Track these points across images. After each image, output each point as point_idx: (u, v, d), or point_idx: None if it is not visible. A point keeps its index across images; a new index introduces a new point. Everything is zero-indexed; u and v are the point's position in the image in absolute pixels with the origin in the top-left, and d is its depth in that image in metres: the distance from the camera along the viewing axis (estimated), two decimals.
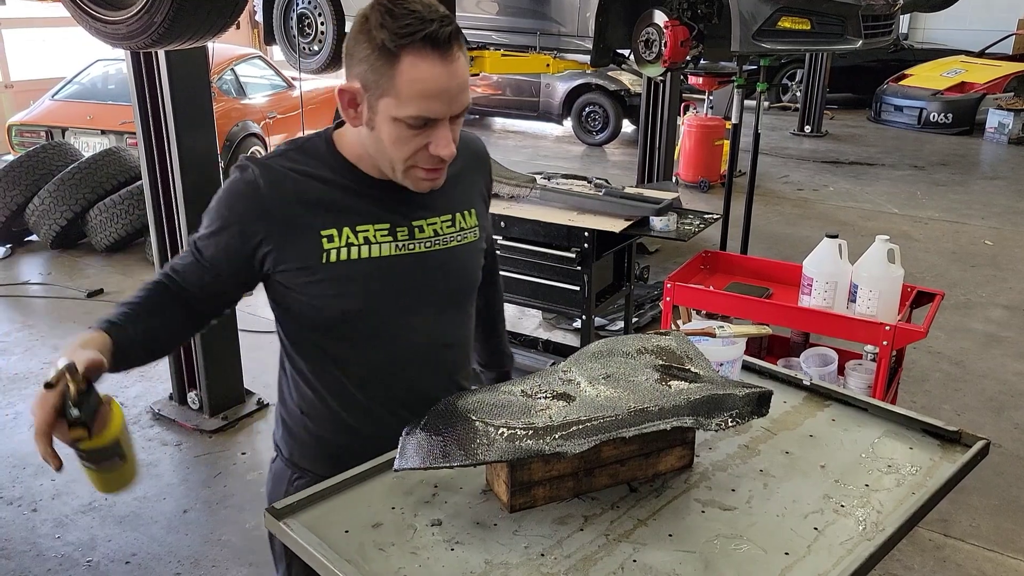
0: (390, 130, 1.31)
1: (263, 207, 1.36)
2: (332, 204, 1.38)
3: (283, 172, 1.38)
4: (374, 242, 1.39)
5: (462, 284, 1.53)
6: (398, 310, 1.44)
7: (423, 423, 1.33)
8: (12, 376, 4.41)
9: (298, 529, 1.28)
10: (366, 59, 1.27)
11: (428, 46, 1.24)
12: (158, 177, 3.63)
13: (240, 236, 1.37)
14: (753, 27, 4.22)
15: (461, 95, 1.31)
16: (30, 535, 3.15)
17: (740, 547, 1.25)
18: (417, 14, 1.24)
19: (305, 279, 1.39)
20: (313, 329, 1.45)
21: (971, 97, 11.34)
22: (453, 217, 1.48)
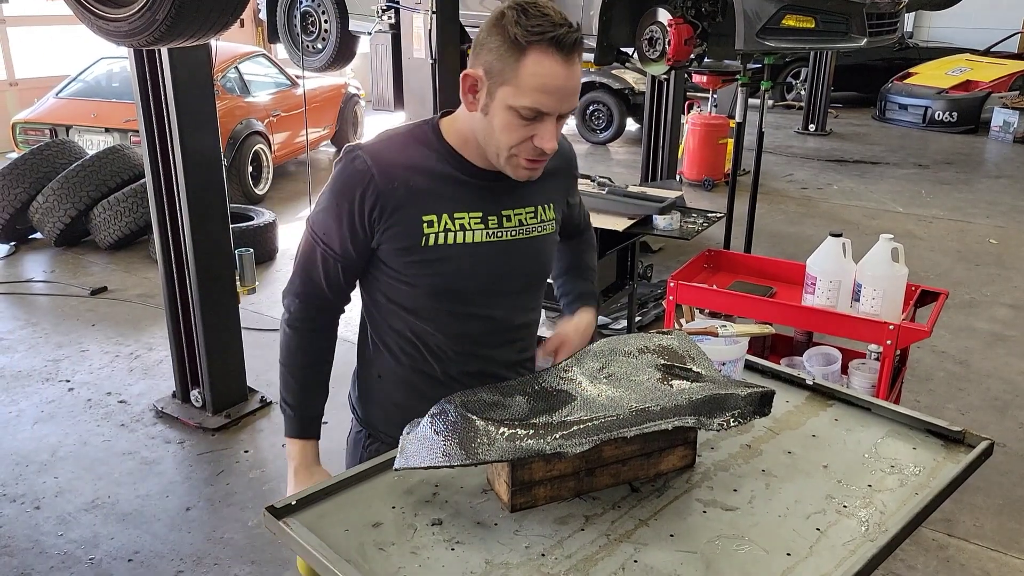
0: (503, 117, 1.40)
1: (376, 192, 1.47)
2: (433, 191, 1.49)
3: (392, 161, 1.49)
4: (468, 229, 1.51)
5: (538, 271, 1.64)
6: (481, 292, 1.55)
7: (424, 422, 1.33)
8: (15, 374, 4.42)
9: (298, 528, 1.27)
10: (495, 49, 1.38)
11: (554, 46, 1.35)
12: (161, 175, 3.63)
13: (359, 217, 1.48)
14: (757, 25, 4.21)
15: (572, 96, 1.42)
16: (33, 533, 3.15)
17: (742, 547, 1.24)
18: (549, 18, 1.36)
19: (404, 259, 1.51)
20: (401, 303, 1.57)
21: (976, 95, 11.30)
22: (536, 209, 1.59)
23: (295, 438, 1.64)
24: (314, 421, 1.65)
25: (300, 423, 1.64)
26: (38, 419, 3.97)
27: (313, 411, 1.65)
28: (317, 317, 1.61)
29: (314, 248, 1.55)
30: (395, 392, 1.64)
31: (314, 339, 1.62)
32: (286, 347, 1.63)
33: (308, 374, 1.63)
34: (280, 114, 8.07)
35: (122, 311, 5.26)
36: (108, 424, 3.92)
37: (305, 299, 1.59)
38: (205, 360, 3.84)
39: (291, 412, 1.64)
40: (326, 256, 1.54)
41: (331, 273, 1.55)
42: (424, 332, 1.57)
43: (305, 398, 1.64)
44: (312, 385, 1.64)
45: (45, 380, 4.35)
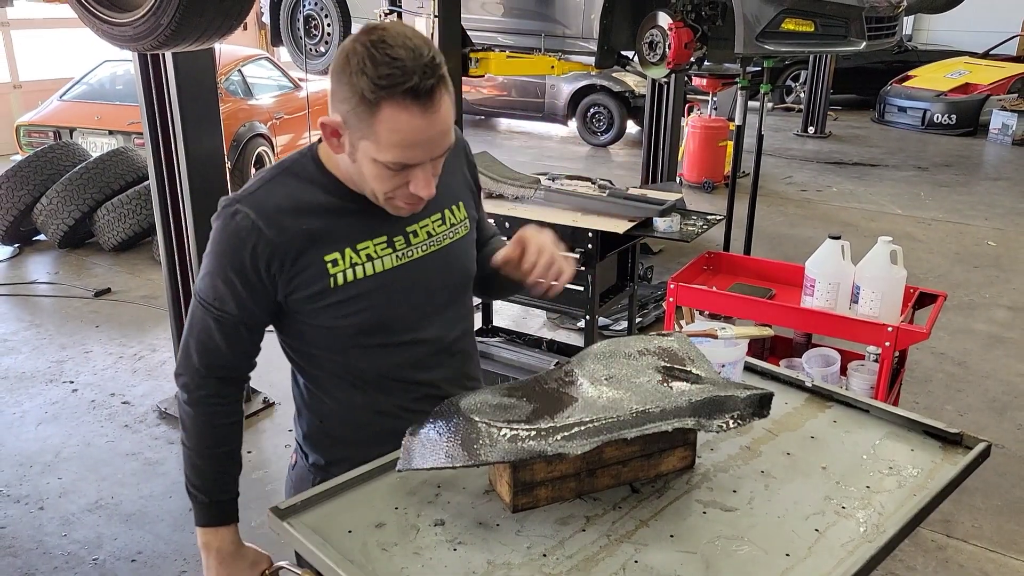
0: (370, 168, 1.32)
1: (270, 246, 1.36)
2: (330, 228, 1.39)
3: (277, 207, 1.38)
4: (376, 257, 1.42)
5: (461, 278, 1.56)
6: (407, 317, 1.47)
7: (426, 424, 1.35)
8: (19, 375, 4.44)
9: (302, 529, 1.29)
10: (347, 100, 1.26)
11: (409, 98, 1.23)
12: (165, 177, 3.65)
13: (257, 276, 1.38)
14: (757, 29, 4.23)
15: (443, 139, 1.31)
16: (37, 533, 3.17)
17: (741, 548, 1.26)
18: (399, 63, 1.22)
19: (316, 304, 1.41)
20: (327, 349, 1.48)
21: (975, 98, 11.32)
22: (443, 214, 1.51)
23: (213, 527, 1.50)
24: (232, 503, 1.52)
25: (218, 509, 1.50)
26: (42, 420, 3.99)
27: (230, 493, 1.52)
28: (221, 391, 1.47)
29: (206, 318, 1.42)
30: (342, 433, 1.55)
31: (222, 416, 1.48)
32: (190, 430, 1.47)
33: (220, 454, 1.49)
34: (283, 117, 8.09)
35: (126, 312, 5.28)
36: (112, 425, 3.94)
37: (206, 374, 1.45)
38: None
39: (205, 499, 1.49)
40: (223, 322, 1.41)
41: (233, 338, 1.43)
42: (359, 371, 1.48)
43: (220, 481, 1.50)
44: (226, 465, 1.51)
45: (49, 381, 4.37)
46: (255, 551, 1.56)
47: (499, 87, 11.24)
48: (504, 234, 3.75)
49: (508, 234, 3.80)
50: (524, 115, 11.69)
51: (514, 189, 3.93)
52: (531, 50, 5.16)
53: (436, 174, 1.36)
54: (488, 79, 10.87)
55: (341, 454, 1.54)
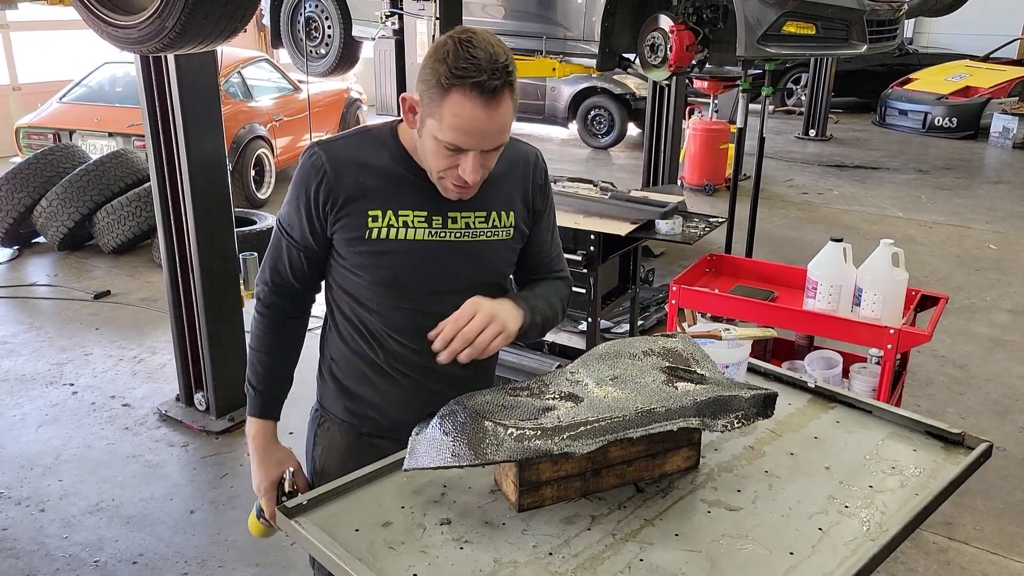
0: (431, 143, 1.48)
1: (328, 186, 1.56)
2: (382, 189, 1.57)
3: (346, 158, 1.58)
4: (411, 227, 1.58)
5: (484, 273, 1.66)
6: (422, 288, 1.60)
7: (432, 423, 1.35)
8: (20, 377, 4.44)
9: (310, 528, 1.30)
10: (427, 80, 1.44)
11: (475, 91, 1.40)
12: (166, 179, 3.65)
13: (315, 208, 1.57)
14: (758, 32, 4.23)
15: (496, 136, 1.48)
16: (38, 535, 3.17)
17: (745, 547, 1.26)
18: (476, 61, 1.39)
19: (352, 249, 1.58)
20: (349, 292, 1.64)
21: (976, 101, 11.34)
22: (488, 214, 1.64)
23: (256, 417, 1.73)
24: (275, 403, 1.74)
25: (262, 404, 1.72)
26: (42, 422, 3.99)
27: (275, 394, 1.74)
28: (284, 305, 1.69)
29: (280, 240, 1.65)
30: (344, 375, 1.72)
31: (280, 326, 1.71)
32: (255, 331, 1.71)
33: (273, 358, 1.72)
34: (283, 119, 8.10)
35: (125, 315, 5.28)
36: (112, 427, 3.94)
37: (273, 288, 1.68)
38: (209, 363, 3.86)
39: (254, 392, 1.72)
40: (290, 247, 1.63)
41: (295, 263, 1.64)
42: (369, 320, 1.65)
43: (269, 380, 1.72)
44: (276, 369, 1.72)
45: (49, 384, 4.37)
46: (286, 452, 1.75)
47: None
48: None
49: None
50: (525, 117, 11.69)
51: None
52: (533, 52, 5.17)
53: (486, 167, 1.52)
54: None
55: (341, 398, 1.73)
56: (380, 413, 1.69)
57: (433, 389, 1.64)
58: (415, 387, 1.66)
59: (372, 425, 1.70)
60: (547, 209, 1.77)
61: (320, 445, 1.78)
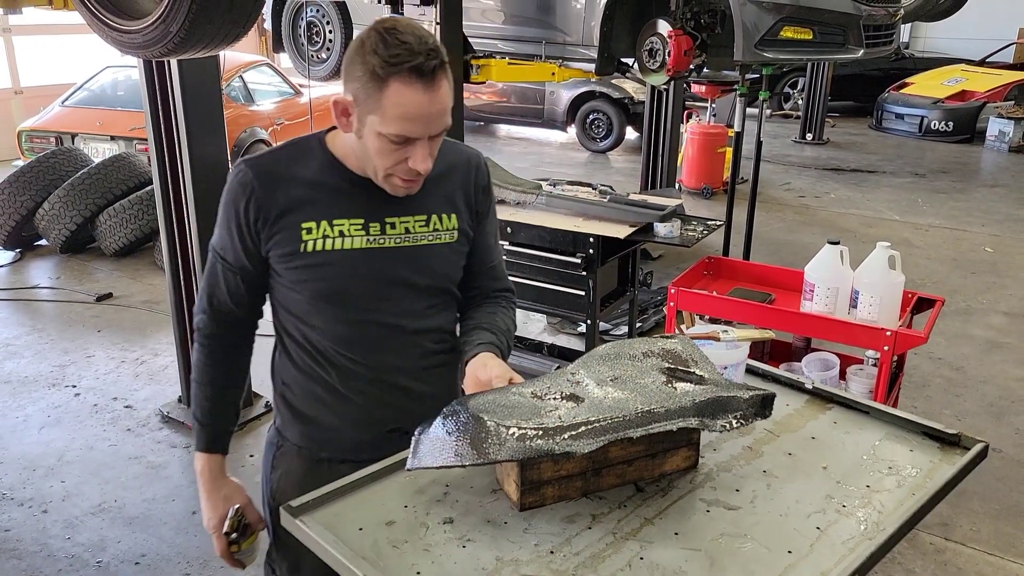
0: (375, 142, 1.44)
1: (258, 203, 1.52)
2: (314, 200, 1.53)
3: (274, 172, 1.54)
4: (347, 235, 1.54)
5: (427, 278, 1.61)
6: (364, 297, 1.57)
7: (435, 423, 1.37)
8: (22, 379, 4.45)
9: (314, 527, 1.31)
10: (359, 79, 1.40)
11: (414, 75, 1.37)
12: (169, 182, 3.67)
13: (246, 227, 1.54)
14: (756, 37, 4.26)
15: (440, 118, 1.44)
16: (40, 536, 3.19)
17: (744, 545, 1.28)
18: (407, 45, 1.36)
19: (287, 265, 1.54)
20: (291, 311, 1.60)
21: (972, 105, 11.38)
22: (428, 218, 1.60)
23: (204, 452, 1.67)
24: (222, 437, 1.68)
25: (209, 438, 1.67)
26: (45, 424, 4.01)
27: (222, 427, 1.68)
28: (226, 333, 1.64)
29: (215, 265, 1.59)
30: (297, 399, 1.66)
31: (223, 356, 1.65)
32: (197, 363, 1.65)
33: (218, 390, 1.66)
34: (284, 122, 8.13)
35: (127, 317, 5.30)
36: (114, 429, 3.96)
37: (213, 316, 1.62)
38: None
39: (199, 426, 1.67)
40: (226, 271, 1.58)
41: (232, 287, 1.59)
42: (315, 339, 1.59)
43: (215, 413, 1.67)
44: (222, 401, 1.67)
45: (51, 385, 4.39)
46: (234, 487, 1.70)
47: (499, 93, 11.29)
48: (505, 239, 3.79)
49: (510, 239, 3.84)
50: (524, 121, 11.73)
51: (516, 195, 3.96)
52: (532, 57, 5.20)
53: (433, 155, 1.48)
54: (488, 85, 10.90)
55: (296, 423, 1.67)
56: (337, 435, 1.63)
57: (390, 404, 1.61)
58: (371, 404, 1.61)
59: (331, 449, 1.63)
60: (489, 212, 1.71)
61: (279, 469, 1.71)
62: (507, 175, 4.14)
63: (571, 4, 4.92)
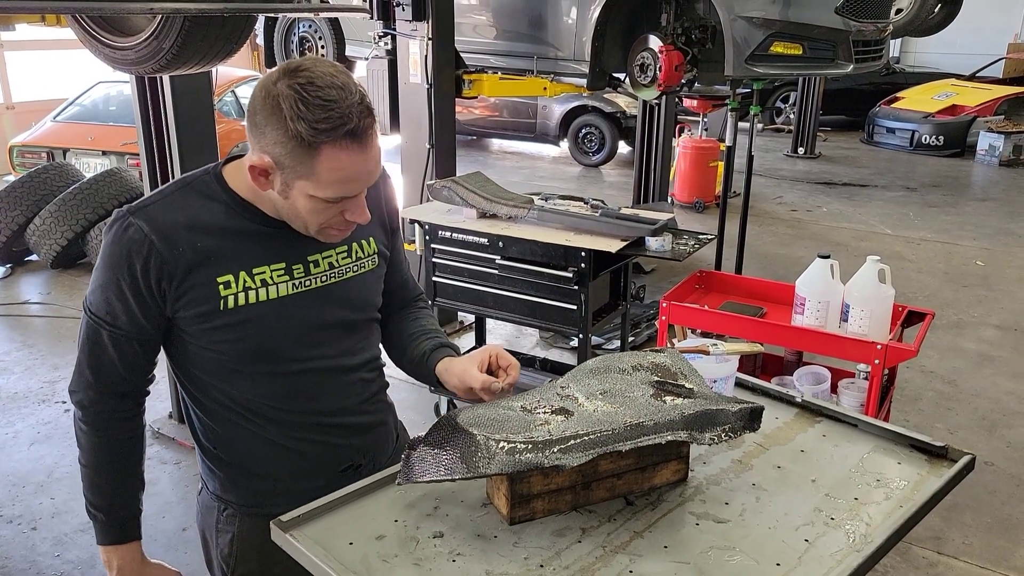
0: (305, 203, 1.33)
1: (160, 261, 1.34)
2: (225, 249, 1.38)
3: (172, 222, 1.36)
4: (271, 283, 1.41)
5: (359, 312, 1.54)
6: (295, 345, 1.45)
7: (425, 437, 1.38)
8: (12, 395, 4.43)
9: (304, 541, 1.31)
10: (281, 143, 1.27)
11: (348, 139, 1.26)
12: None
13: (146, 289, 1.36)
14: (746, 52, 4.30)
15: (376, 170, 1.36)
16: (30, 553, 3.17)
17: (733, 558, 1.28)
18: (333, 104, 1.24)
19: (205, 325, 1.39)
20: (214, 374, 1.45)
21: (962, 120, 11.47)
22: (349, 248, 1.51)
23: (115, 544, 1.49)
24: (133, 520, 1.51)
25: (118, 527, 1.49)
26: (34, 440, 3.99)
27: (131, 510, 1.50)
28: (118, 407, 1.45)
29: (98, 332, 1.39)
30: (238, 460, 1.52)
31: (120, 431, 1.46)
32: (87, 447, 1.45)
33: (119, 471, 1.47)
34: None
35: None
36: None
37: (101, 390, 1.42)
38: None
39: (105, 519, 1.47)
40: (115, 337, 1.39)
41: (125, 353, 1.41)
42: (249, 400, 1.46)
43: (120, 499, 1.49)
44: (125, 483, 1.49)
45: (41, 401, 4.37)
46: (159, 567, 1.56)
47: (491, 108, 11.33)
48: (497, 253, 3.80)
49: (502, 253, 3.84)
50: (516, 135, 11.78)
51: (508, 209, 3.97)
52: (524, 72, 5.22)
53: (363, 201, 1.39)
54: (480, 100, 10.95)
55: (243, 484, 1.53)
56: (289, 487, 1.49)
57: (338, 445, 1.53)
58: (319, 451, 1.51)
59: (285, 503, 1.38)
60: (399, 225, 1.66)
61: (227, 533, 1.54)
62: (499, 189, 4.15)
63: (563, 19, 4.96)
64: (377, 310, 1.60)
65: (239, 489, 1.53)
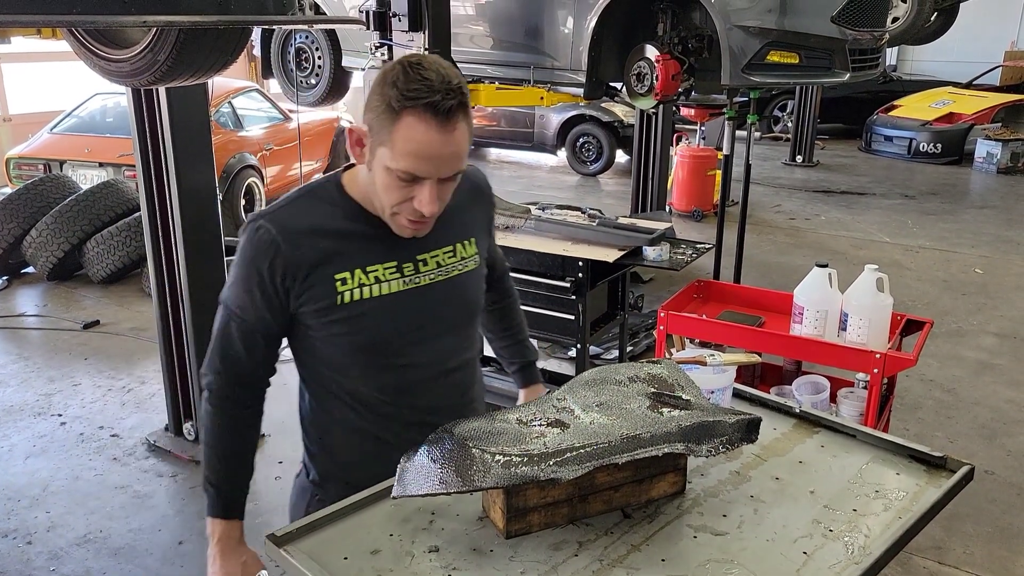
0: (382, 176, 1.41)
1: (284, 261, 1.47)
2: (342, 249, 1.49)
3: (296, 226, 1.49)
4: (383, 280, 1.51)
5: (464, 311, 1.63)
6: (405, 341, 1.55)
7: (420, 451, 1.36)
8: (7, 408, 4.41)
9: (299, 556, 1.30)
10: (375, 108, 1.38)
11: (428, 112, 1.33)
12: (157, 209, 3.67)
13: (272, 287, 1.49)
14: (743, 61, 4.30)
15: (453, 161, 1.40)
16: (25, 568, 3.14)
17: (731, 571, 1.27)
18: (428, 82, 1.33)
19: (323, 319, 1.50)
20: (328, 363, 1.57)
21: (960, 127, 11.48)
22: (454, 248, 1.60)
23: (220, 518, 1.59)
24: (239, 501, 1.61)
25: (223, 504, 1.60)
26: (30, 453, 3.97)
27: (238, 491, 1.61)
28: (241, 394, 1.58)
29: (229, 323, 1.53)
30: (338, 450, 1.63)
31: (239, 416, 1.59)
32: (209, 427, 1.58)
33: (233, 453, 1.60)
34: (273, 148, 8.14)
35: (114, 345, 5.27)
36: (100, 458, 3.92)
37: (228, 377, 1.56)
38: (197, 393, 3.84)
39: (215, 492, 1.59)
40: (244, 329, 1.52)
41: (253, 346, 1.54)
42: (354, 389, 1.57)
43: (232, 478, 1.60)
44: (238, 464, 1.61)
45: (37, 414, 4.35)
46: (252, 554, 1.63)
47: (489, 117, 11.35)
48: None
49: None
50: (514, 145, 11.79)
51: (505, 219, 3.97)
52: (520, 82, 5.22)
53: (443, 200, 1.45)
54: (478, 109, 10.97)
55: (338, 473, 1.64)
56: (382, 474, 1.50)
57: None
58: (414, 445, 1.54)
59: None
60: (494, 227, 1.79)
61: None
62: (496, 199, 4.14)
63: (559, 29, 4.96)
64: (479, 310, 1.70)
65: (337, 477, 1.63)
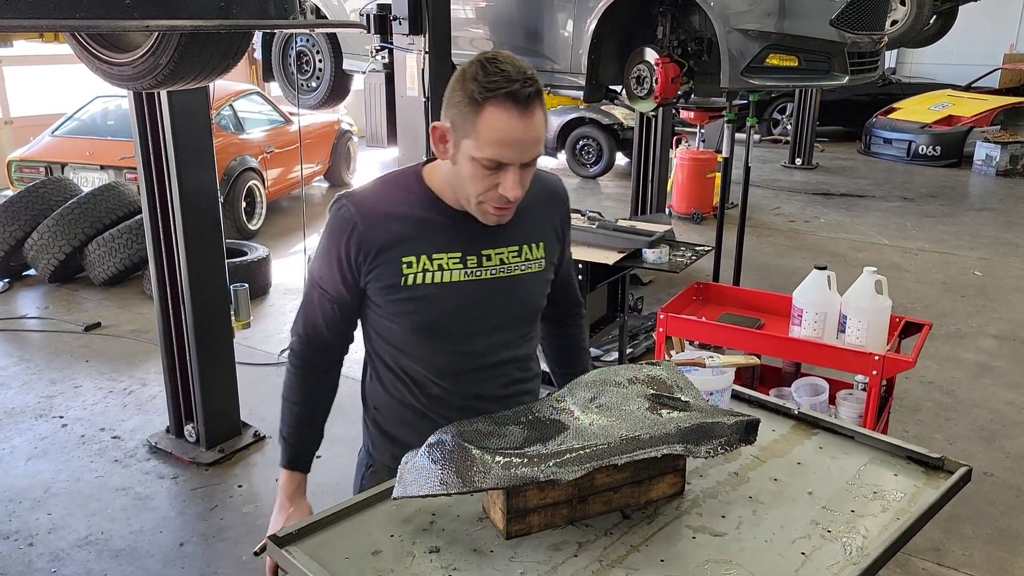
0: (468, 167, 1.49)
1: (360, 239, 1.58)
2: (413, 234, 1.59)
3: (374, 208, 1.60)
4: (446, 268, 1.59)
5: (521, 308, 1.69)
6: (459, 328, 1.63)
7: (421, 452, 1.37)
8: (9, 410, 4.42)
9: (300, 557, 1.31)
10: (457, 104, 1.46)
11: (509, 100, 1.43)
12: (158, 212, 3.67)
13: (347, 261, 1.60)
14: (742, 64, 4.31)
15: (533, 146, 1.49)
16: (26, 569, 3.15)
17: (730, 572, 1.28)
18: (505, 73, 1.43)
19: (388, 297, 1.60)
20: (387, 340, 1.67)
21: (959, 130, 11.50)
22: (520, 248, 1.66)
23: (285, 468, 1.74)
24: (303, 456, 1.74)
25: (292, 455, 1.74)
26: (31, 455, 3.97)
27: (304, 446, 1.74)
28: (316, 357, 1.71)
29: (312, 292, 1.67)
30: (388, 423, 1.73)
31: (312, 378, 1.72)
32: (288, 382, 1.73)
33: (303, 411, 1.73)
34: (274, 150, 8.15)
35: (116, 347, 5.28)
36: (101, 460, 3.93)
37: (306, 340, 1.70)
38: (199, 395, 3.86)
39: (284, 444, 1.74)
40: (323, 298, 1.65)
41: (328, 314, 1.66)
42: (409, 366, 1.66)
43: (299, 433, 1.74)
44: (307, 421, 1.74)
45: (39, 416, 4.36)
46: (308, 507, 1.73)
47: None
48: None
49: None
50: None
51: None
52: None
53: (524, 185, 1.52)
54: None
55: (387, 446, 1.74)
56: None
57: None
58: None
59: None
60: (569, 237, 1.82)
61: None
62: None
63: (559, 32, 4.97)
64: (539, 313, 1.76)
65: (386, 449, 1.73)
